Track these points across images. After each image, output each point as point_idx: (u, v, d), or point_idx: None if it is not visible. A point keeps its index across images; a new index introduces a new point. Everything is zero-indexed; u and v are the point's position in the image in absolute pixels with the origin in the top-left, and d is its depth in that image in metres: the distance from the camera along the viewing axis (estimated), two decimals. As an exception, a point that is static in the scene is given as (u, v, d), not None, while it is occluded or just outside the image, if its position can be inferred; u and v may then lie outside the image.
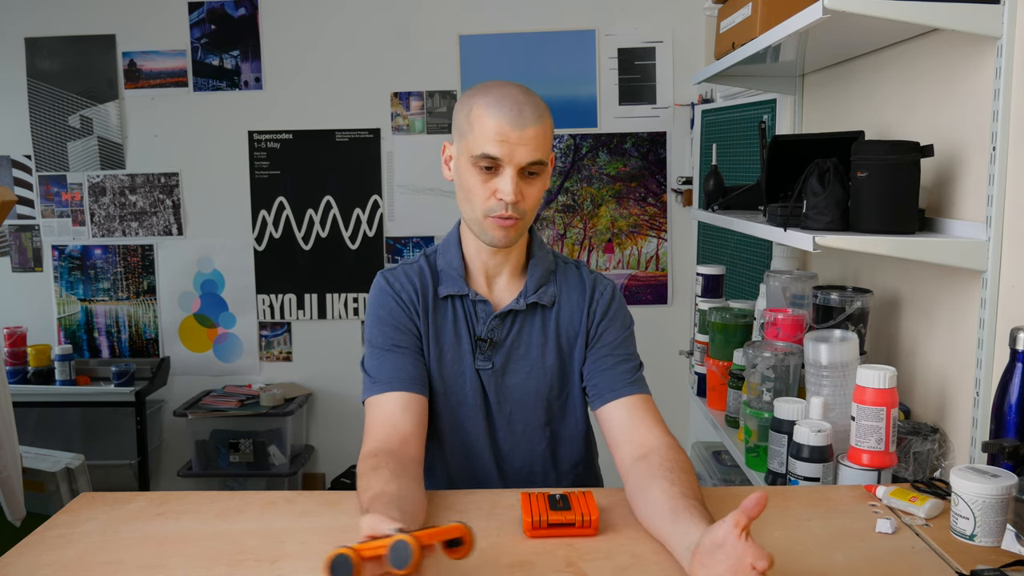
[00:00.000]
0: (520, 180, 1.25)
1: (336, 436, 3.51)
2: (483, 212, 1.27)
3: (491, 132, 1.22)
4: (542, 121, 1.25)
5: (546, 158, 1.27)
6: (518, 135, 1.22)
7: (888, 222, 1.39)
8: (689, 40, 3.27)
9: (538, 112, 1.24)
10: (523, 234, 1.33)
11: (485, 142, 1.23)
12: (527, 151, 1.23)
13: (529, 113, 1.23)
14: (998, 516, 1.07)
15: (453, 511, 1.20)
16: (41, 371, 3.31)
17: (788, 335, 1.72)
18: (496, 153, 1.22)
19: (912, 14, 1.29)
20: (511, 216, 1.25)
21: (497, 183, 1.24)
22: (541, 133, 1.24)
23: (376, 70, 3.36)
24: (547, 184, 1.32)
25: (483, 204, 1.26)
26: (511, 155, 1.22)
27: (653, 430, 1.26)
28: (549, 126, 1.27)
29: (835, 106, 2.00)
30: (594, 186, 3.38)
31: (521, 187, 1.25)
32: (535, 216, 1.33)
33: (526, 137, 1.22)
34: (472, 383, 1.36)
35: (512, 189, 1.23)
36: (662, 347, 3.06)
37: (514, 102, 1.23)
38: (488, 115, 1.23)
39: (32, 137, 3.45)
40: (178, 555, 1.08)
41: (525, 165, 1.24)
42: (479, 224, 1.29)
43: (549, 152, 1.28)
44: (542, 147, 1.25)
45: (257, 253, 3.47)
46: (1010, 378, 1.18)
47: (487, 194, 1.26)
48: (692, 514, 1.04)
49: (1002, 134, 1.29)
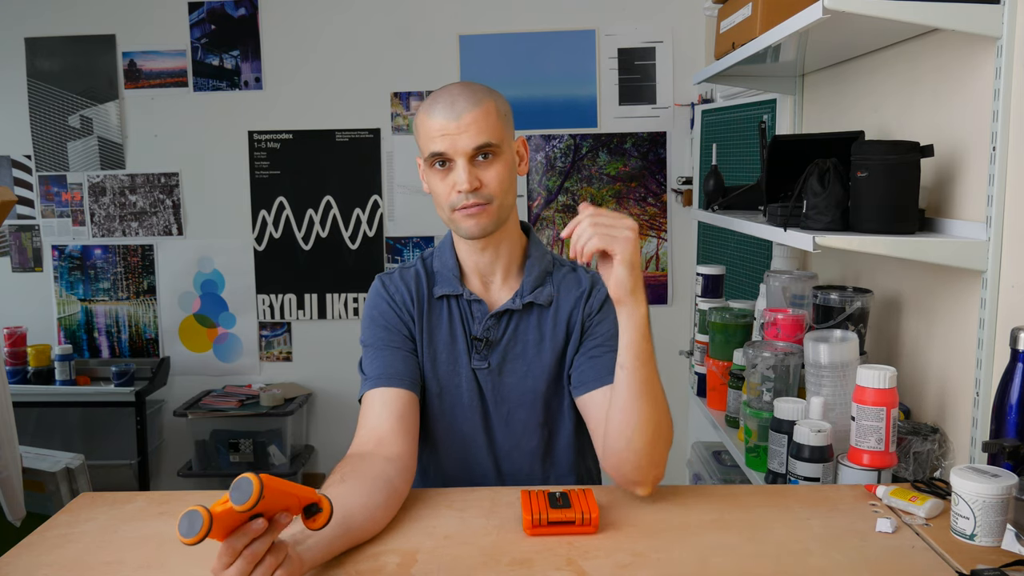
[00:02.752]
0: (474, 167, 1.27)
1: (336, 436, 3.51)
2: (449, 208, 1.29)
3: (433, 131, 1.27)
4: (480, 105, 1.26)
5: (495, 139, 1.27)
6: (455, 125, 1.25)
7: (888, 222, 1.39)
8: (689, 40, 3.27)
9: (474, 99, 1.27)
10: (501, 222, 1.32)
11: (430, 142, 1.28)
12: (468, 137, 1.25)
13: (463, 102, 1.26)
14: (998, 516, 1.07)
15: (453, 509, 1.20)
16: (41, 371, 3.31)
17: (788, 335, 1.72)
18: (440, 148, 1.26)
19: (912, 14, 1.29)
20: (475, 203, 1.27)
21: (453, 177, 1.28)
22: (481, 116, 1.26)
23: (376, 70, 3.36)
24: (519, 167, 1.34)
25: (447, 200, 1.29)
26: (454, 146, 1.26)
27: None
28: (492, 108, 1.28)
29: (835, 106, 2.00)
30: (594, 186, 3.38)
31: (476, 173, 1.27)
32: (512, 203, 1.33)
33: (464, 124, 1.25)
34: (468, 383, 1.36)
35: (466, 177, 1.26)
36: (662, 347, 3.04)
37: (448, 96, 1.27)
38: (428, 117, 1.28)
39: (32, 137, 3.45)
40: (178, 555, 1.08)
41: (472, 151, 1.26)
42: (452, 221, 1.31)
43: (500, 133, 1.28)
44: (485, 129, 1.26)
45: (257, 253, 3.47)
46: (1010, 378, 1.18)
47: (448, 190, 1.28)
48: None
49: (1002, 134, 1.29)
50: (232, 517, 0.86)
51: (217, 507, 0.85)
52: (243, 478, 0.85)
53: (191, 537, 0.83)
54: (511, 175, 1.31)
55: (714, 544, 1.09)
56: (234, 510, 0.84)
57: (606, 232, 1.12)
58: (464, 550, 1.07)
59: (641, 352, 1.17)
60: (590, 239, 1.12)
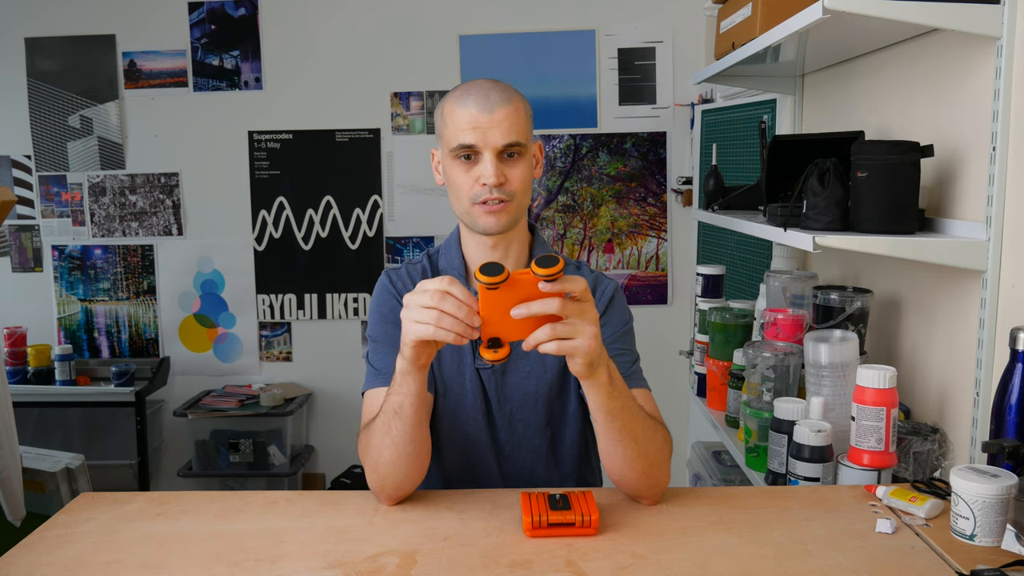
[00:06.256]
0: (500, 163, 1.26)
1: (336, 436, 3.51)
2: (470, 200, 1.29)
3: (463, 122, 1.25)
4: (511, 102, 1.26)
5: (523, 140, 1.27)
6: (488, 119, 1.24)
7: (888, 222, 1.39)
8: (689, 40, 3.26)
9: (506, 95, 1.27)
10: (516, 220, 1.32)
11: (459, 133, 1.26)
12: (500, 132, 1.25)
13: (496, 96, 1.26)
14: (998, 516, 1.07)
15: (453, 510, 1.20)
16: (41, 371, 3.31)
17: (788, 335, 1.72)
18: (470, 140, 1.25)
19: (912, 14, 1.29)
20: (498, 198, 1.27)
21: (478, 170, 1.27)
22: (512, 113, 1.26)
23: (376, 70, 3.36)
24: (534, 170, 1.34)
25: (468, 193, 1.28)
26: (485, 139, 1.25)
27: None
28: (522, 109, 1.28)
29: (835, 106, 2.00)
30: (594, 186, 3.38)
31: (503, 169, 1.27)
32: (527, 204, 1.33)
33: (496, 119, 1.24)
34: (472, 383, 1.36)
35: (493, 171, 1.25)
36: (662, 347, 3.06)
37: (479, 89, 1.27)
38: (458, 107, 1.27)
39: (32, 137, 3.45)
40: (178, 555, 1.08)
41: (502, 147, 1.26)
42: (469, 215, 1.30)
43: (527, 135, 1.29)
44: (516, 128, 1.26)
45: (257, 253, 3.47)
46: (1010, 378, 1.18)
47: (471, 182, 1.28)
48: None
49: (1002, 134, 1.29)
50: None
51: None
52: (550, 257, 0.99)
53: (496, 275, 0.98)
54: (531, 176, 1.32)
55: (714, 545, 1.09)
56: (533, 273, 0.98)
57: (565, 339, 1.03)
58: (464, 551, 1.07)
59: (611, 409, 1.13)
60: (546, 344, 1.02)
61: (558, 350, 1.03)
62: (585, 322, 1.03)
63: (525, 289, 1.01)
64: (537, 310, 1.00)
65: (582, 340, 1.03)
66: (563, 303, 1.01)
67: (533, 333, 1.02)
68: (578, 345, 1.03)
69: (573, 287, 1.02)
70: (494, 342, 1.04)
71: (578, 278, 1.03)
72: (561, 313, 1.01)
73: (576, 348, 1.03)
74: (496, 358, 1.04)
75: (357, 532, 1.14)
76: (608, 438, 1.16)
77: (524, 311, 1.00)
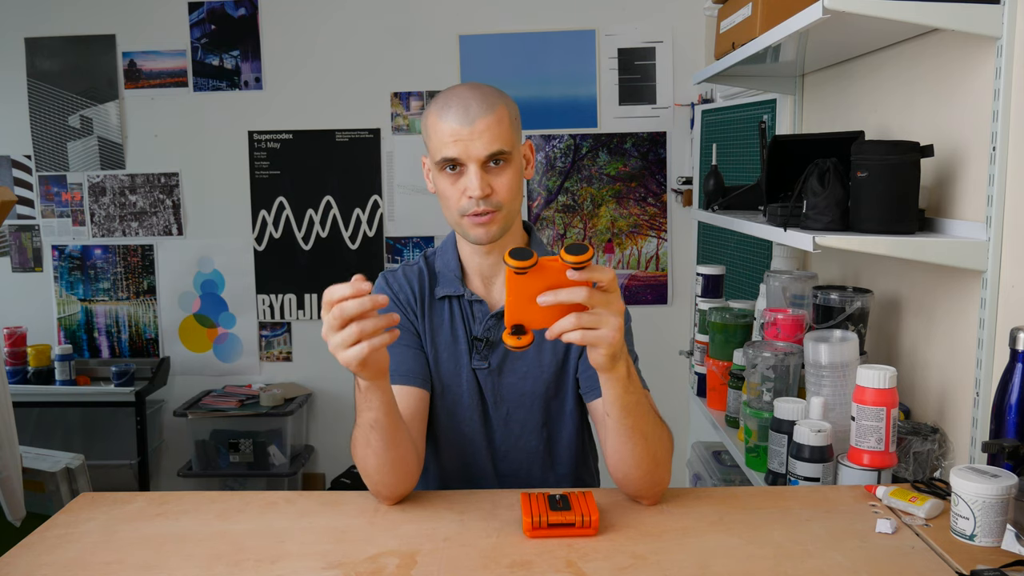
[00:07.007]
0: (486, 173, 1.26)
1: (336, 436, 3.51)
2: (459, 213, 1.28)
3: (445, 135, 1.25)
4: (493, 111, 1.25)
5: (508, 147, 1.26)
6: (469, 131, 1.23)
7: (888, 222, 1.39)
8: (689, 40, 3.26)
9: (487, 104, 1.25)
10: (507, 227, 1.32)
11: (442, 146, 1.25)
12: (482, 144, 1.24)
13: (476, 107, 1.24)
14: (998, 516, 1.07)
15: (453, 511, 1.20)
16: (41, 371, 3.31)
17: (788, 335, 1.72)
18: (453, 154, 1.25)
19: (912, 14, 1.29)
20: (485, 211, 1.26)
21: (464, 182, 1.26)
22: (495, 123, 1.25)
23: (376, 70, 3.36)
24: (524, 172, 1.33)
25: (456, 205, 1.28)
26: (467, 152, 1.24)
27: None
28: (505, 115, 1.27)
29: (835, 106, 2.00)
30: (594, 186, 3.38)
31: (488, 180, 1.26)
32: (518, 208, 1.33)
33: (478, 131, 1.23)
34: (469, 383, 1.36)
35: (477, 184, 1.24)
36: (662, 347, 3.06)
37: (460, 100, 1.25)
38: (439, 120, 1.26)
39: (32, 137, 3.45)
40: (178, 555, 1.08)
41: (485, 158, 1.25)
42: (459, 226, 1.31)
43: (512, 139, 1.28)
44: (499, 136, 1.25)
45: (257, 253, 3.47)
46: (1010, 378, 1.18)
47: (458, 194, 1.27)
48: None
49: (1002, 134, 1.29)
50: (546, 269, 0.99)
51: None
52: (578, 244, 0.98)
53: (525, 260, 0.97)
54: (520, 180, 1.31)
55: (714, 546, 1.09)
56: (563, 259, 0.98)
57: (590, 329, 1.02)
58: (464, 552, 1.07)
59: (626, 404, 1.13)
60: (571, 332, 1.01)
61: (582, 340, 1.01)
62: (611, 313, 1.02)
63: (552, 276, 1.00)
64: (564, 298, 0.99)
65: (607, 331, 1.02)
66: (590, 292, 0.99)
67: (558, 321, 1.01)
68: (603, 336, 1.02)
69: (601, 276, 1.00)
70: (518, 329, 1.02)
71: (606, 268, 1.01)
72: (587, 303, 1.00)
73: (600, 339, 1.02)
74: (519, 345, 1.02)
75: (357, 532, 1.14)
76: (619, 434, 1.16)
77: (551, 298, 0.99)
